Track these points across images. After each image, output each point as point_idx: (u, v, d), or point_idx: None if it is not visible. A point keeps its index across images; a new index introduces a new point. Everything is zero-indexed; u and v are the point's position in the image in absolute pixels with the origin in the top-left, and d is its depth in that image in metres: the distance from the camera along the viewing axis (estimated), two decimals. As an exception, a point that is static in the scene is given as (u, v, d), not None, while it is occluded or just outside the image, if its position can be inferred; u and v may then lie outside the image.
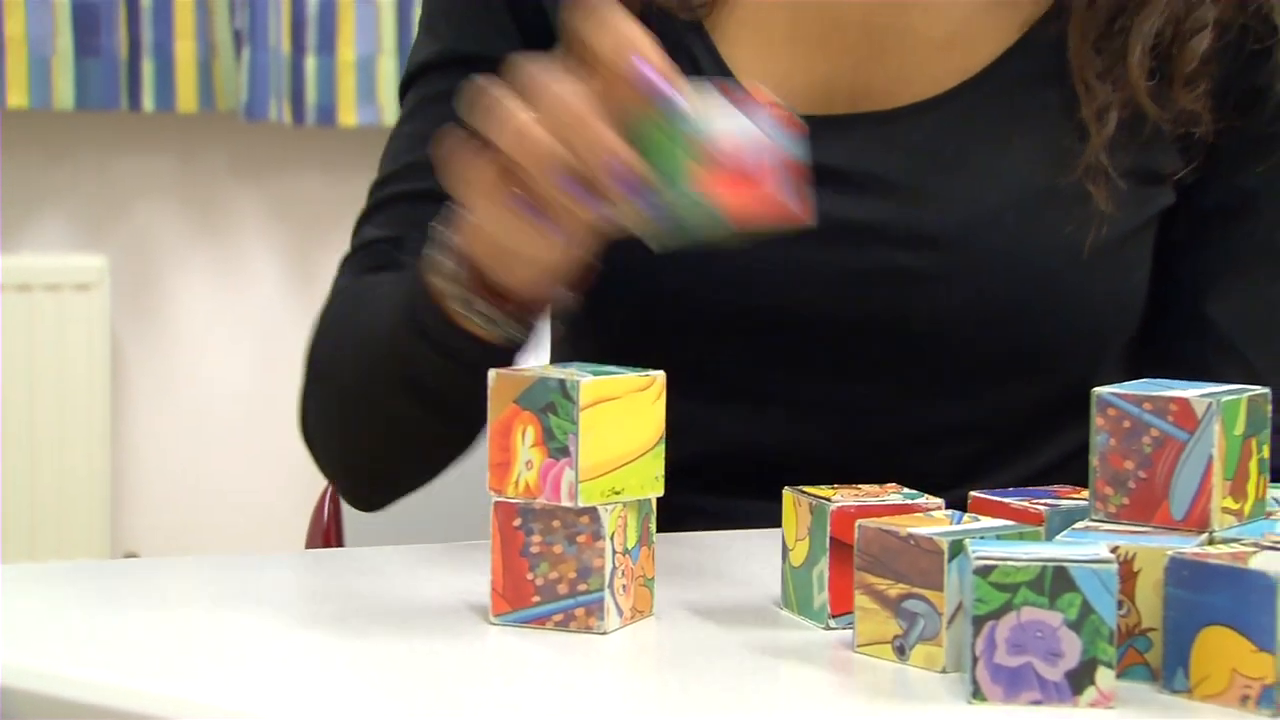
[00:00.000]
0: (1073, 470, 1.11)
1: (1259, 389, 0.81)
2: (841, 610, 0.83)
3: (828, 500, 0.84)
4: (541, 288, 0.97)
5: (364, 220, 1.17)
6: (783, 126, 0.85)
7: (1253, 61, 1.11)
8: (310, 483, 1.24)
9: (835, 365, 1.11)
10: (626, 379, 0.83)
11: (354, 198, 1.22)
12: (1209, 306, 1.15)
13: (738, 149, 0.83)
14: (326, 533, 1.36)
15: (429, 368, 1.02)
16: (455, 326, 0.98)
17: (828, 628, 0.84)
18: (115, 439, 3.07)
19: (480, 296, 0.97)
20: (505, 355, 0.99)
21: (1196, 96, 1.10)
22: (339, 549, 1.32)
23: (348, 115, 3.05)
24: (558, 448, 0.81)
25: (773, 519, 0.90)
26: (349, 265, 1.16)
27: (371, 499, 1.19)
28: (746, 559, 0.96)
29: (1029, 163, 1.10)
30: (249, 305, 3.15)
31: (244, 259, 3.15)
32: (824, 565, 0.84)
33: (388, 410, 1.07)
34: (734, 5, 1.12)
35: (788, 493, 0.86)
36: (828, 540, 0.83)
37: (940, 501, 0.85)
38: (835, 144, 1.10)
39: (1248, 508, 0.81)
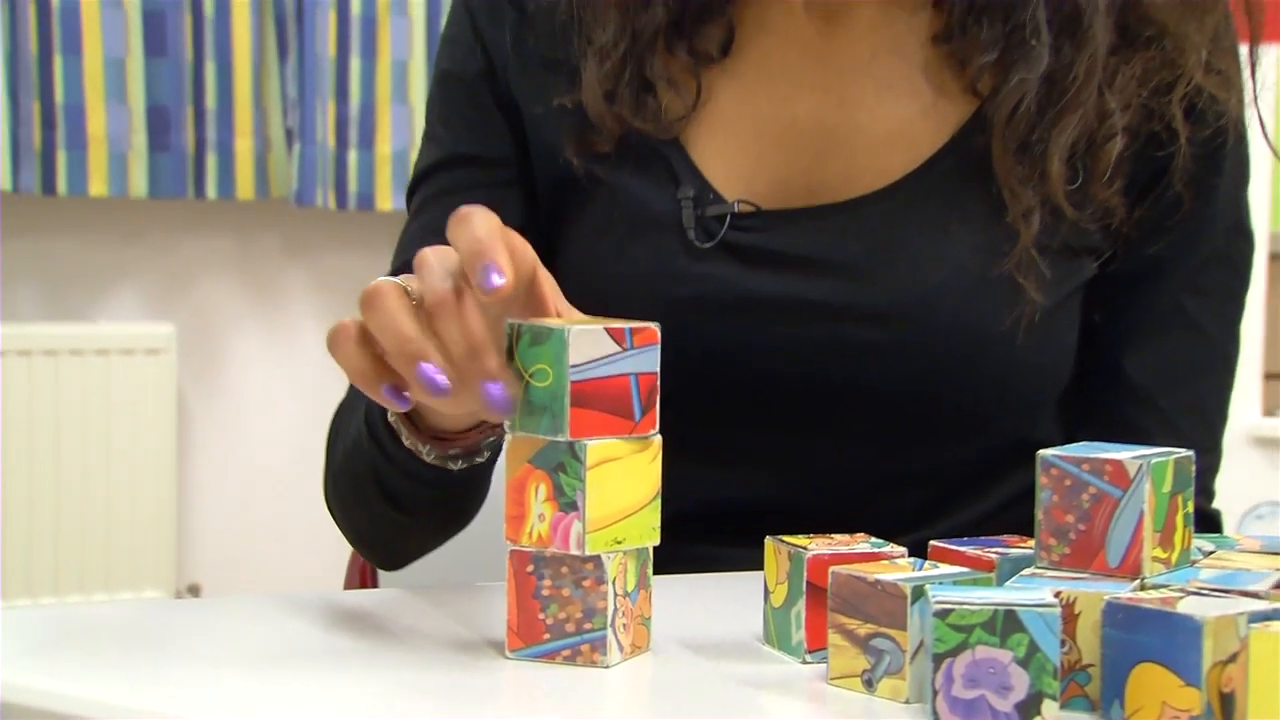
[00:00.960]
0: (1017, 512, 1.10)
1: (1184, 451, 0.81)
2: (817, 646, 0.82)
3: (804, 549, 0.83)
4: (475, 431, 0.94)
5: None
6: (646, 347, 0.81)
7: (1159, 161, 1.10)
8: (349, 528, 1.23)
9: (804, 427, 1.10)
10: (628, 441, 0.82)
11: (390, 274, 1.22)
12: (1125, 362, 1.14)
13: (591, 377, 0.79)
14: (363, 573, 1.35)
15: (401, 487, 1.01)
16: (417, 459, 0.96)
17: (804, 662, 0.83)
18: (181, 486, 3.06)
19: (423, 442, 0.95)
20: (469, 473, 0.97)
21: (1114, 192, 1.09)
22: (373, 589, 1.31)
23: (385, 201, 3.05)
24: (567, 502, 0.81)
25: (749, 565, 0.89)
26: None
27: (384, 564, 1.18)
28: (732, 600, 0.96)
29: (968, 248, 1.09)
30: (299, 368, 3.14)
31: (295, 328, 3.15)
32: (801, 606, 0.83)
33: (374, 508, 1.05)
34: (703, 117, 1.12)
35: (769, 541, 0.86)
36: (804, 584, 0.82)
37: (904, 550, 0.84)
38: (797, 233, 1.10)
39: (1175, 557, 0.80)
